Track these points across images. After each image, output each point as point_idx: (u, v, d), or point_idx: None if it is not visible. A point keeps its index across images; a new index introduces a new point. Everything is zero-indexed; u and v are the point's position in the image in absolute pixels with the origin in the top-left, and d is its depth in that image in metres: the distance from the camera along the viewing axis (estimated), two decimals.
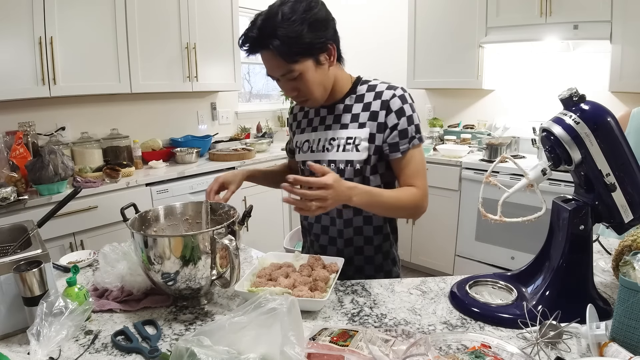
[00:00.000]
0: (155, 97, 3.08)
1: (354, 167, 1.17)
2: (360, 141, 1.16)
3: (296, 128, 1.33)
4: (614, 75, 2.56)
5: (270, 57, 1.05)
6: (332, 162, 1.20)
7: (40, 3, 2.20)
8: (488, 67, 3.19)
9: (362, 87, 1.21)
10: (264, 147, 3.43)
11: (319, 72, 1.11)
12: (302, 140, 1.28)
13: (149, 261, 0.95)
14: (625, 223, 0.93)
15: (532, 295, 0.98)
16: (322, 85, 1.14)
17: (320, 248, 1.30)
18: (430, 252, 3.29)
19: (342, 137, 1.19)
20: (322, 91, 1.15)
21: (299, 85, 1.10)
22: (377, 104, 1.16)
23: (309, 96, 1.13)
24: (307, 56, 1.06)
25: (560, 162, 0.93)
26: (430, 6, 3.33)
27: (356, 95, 1.21)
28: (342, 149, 1.18)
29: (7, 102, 2.34)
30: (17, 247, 1.02)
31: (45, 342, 0.80)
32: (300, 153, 1.28)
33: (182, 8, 2.87)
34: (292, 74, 1.07)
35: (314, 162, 1.20)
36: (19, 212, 2.01)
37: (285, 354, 0.67)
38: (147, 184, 2.55)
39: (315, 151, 1.23)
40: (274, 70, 1.09)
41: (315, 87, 1.12)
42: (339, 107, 1.22)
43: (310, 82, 1.10)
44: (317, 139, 1.24)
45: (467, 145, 3.31)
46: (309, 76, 1.09)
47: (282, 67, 1.06)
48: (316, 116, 1.27)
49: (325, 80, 1.14)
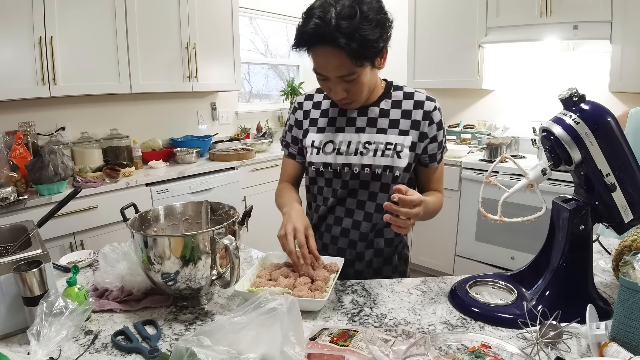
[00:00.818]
0: (155, 97, 3.08)
1: (394, 173, 1.15)
2: (403, 148, 1.15)
3: (309, 126, 1.24)
4: (614, 75, 2.56)
5: (335, 56, 0.98)
6: (367, 166, 1.16)
7: (40, 3, 2.20)
8: (488, 67, 3.19)
9: (397, 93, 1.18)
10: (264, 147, 3.43)
11: (372, 76, 1.08)
12: (321, 141, 1.21)
13: (149, 261, 0.95)
14: (625, 223, 0.93)
15: (532, 295, 0.98)
16: (370, 88, 1.11)
17: (332, 239, 1.25)
18: (430, 252, 3.29)
19: (381, 142, 1.15)
20: (368, 94, 1.12)
21: (351, 87, 1.05)
22: (419, 113, 1.15)
23: (356, 98, 1.10)
24: (373, 59, 1.02)
25: (560, 162, 0.93)
26: (430, 6, 3.33)
27: (392, 101, 1.17)
28: (382, 154, 1.15)
29: (7, 102, 2.34)
30: (17, 247, 1.02)
31: (45, 342, 0.80)
32: (320, 154, 1.20)
33: (182, 8, 2.87)
34: (351, 77, 1.02)
35: (343, 165, 1.17)
36: (19, 212, 2.01)
37: (285, 354, 0.67)
38: (147, 184, 2.55)
39: (345, 154, 1.17)
40: (333, 70, 1.01)
41: (364, 91, 1.09)
42: (374, 110, 1.17)
43: (364, 85, 1.06)
44: (344, 140, 1.18)
45: (467, 145, 3.32)
46: (365, 79, 1.05)
47: (345, 68, 1.00)
48: (340, 116, 1.20)
49: (373, 83, 1.11)
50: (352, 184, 1.19)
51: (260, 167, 3.17)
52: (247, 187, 3.10)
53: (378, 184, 1.17)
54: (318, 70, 1.05)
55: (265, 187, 3.16)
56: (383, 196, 1.18)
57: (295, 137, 1.29)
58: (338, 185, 1.21)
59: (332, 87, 1.07)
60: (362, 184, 1.18)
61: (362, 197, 1.20)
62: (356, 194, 1.20)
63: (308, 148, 1.23)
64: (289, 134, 1.31)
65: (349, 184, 1.19)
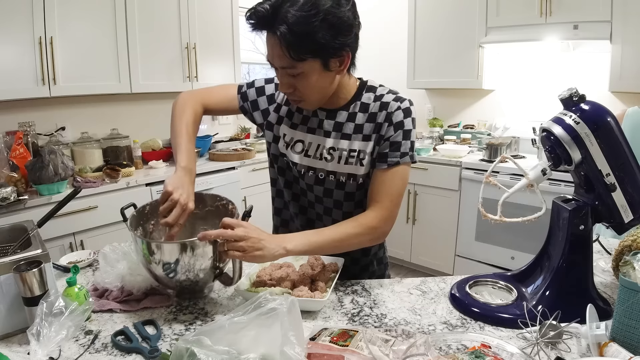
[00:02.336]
0: (155, 97, 3.08)
1: (357, 181, 1.10)
2: (365, 155, 1.08)
3: (286, 116, 1.17)
4: (614, 75, 2.56)
5: (274, 44, 0.93)
6: (332, 173, 1.11)
7: (40, 3, 2.20)
8: (488, 67, 3.19)
9: (368, 95, 1.10)
10: (264, 147, 3.42)
11: (324, 78, 1.00)
12: (292, 137, 1.15)
13: (149, 252, 0.94)
14: (625, 223, 0.93)
15: (532, 295, 0.98)
16: (323, 91, 1.03)
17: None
18: (430, 252, 3.29)
19: (344, 149, 1.09)
20: (320, 97, 1.05)
21: (297, 84, 0.99)
22: (382, 115, 1.07)
23: (304, 98, 1.04)
24: (316, 57, 0.94)
25: (560, 162, 0.93)
26: (430, 6, 3.33)
27: (361, 103, 1.10)
28: (345, 161, 1.10)
29: (7, 102, 2.34)
30: (17, 247, 1.02)
31: (45, 342, 0.80)
32: (289, 150, 1.15)
33: (182, 8, 2.87)
34: (293, 70, 0.96)
35: (309, 167, 1.12)
36: (19, 212, 2.01)
37: (285, 354, 0.67)
38: (147, 184, 2.55)
39: (312, 157, 1.13)
40: (275, 59, 0.96)
41: (314, 92, 1.02)
42: (342, 114, 1.11)
43: (311, 85, 0.99)
44: (313, 143, 1.13)
45: (467, 145, 3.31)
46: (312, 79, 0.98)
47: (284, 60, 0.94)
48: (313, 116, 1.14)
49: (328, 87, 1.03)
50: (317, 190, 1.15)
51: (260, 167, 3.17)
52: (247, 187, 3.10)
53: (342, 192, 1.13)
54: (267, 59, 1.00)
55: (265, 187, 3.12)
56: (349, 204, 1.14)
57: (256, 102, 1.20)
58: (305, 187, 1.16)
59: (279, 78, 1.03)
60: (326, 191, 1.14)
61: (328, 204, 1.15)
62: (322, 200, 1.16)
63: (280, 139, 1.17)
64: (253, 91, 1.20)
65: (314, 189, 1.15)
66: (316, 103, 1.08)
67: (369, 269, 1.26)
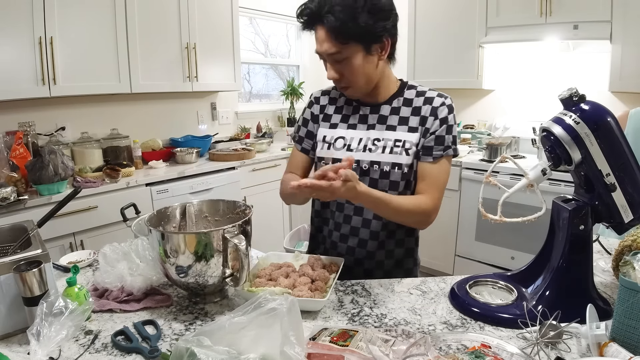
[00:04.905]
0: (155, 97, 3.08)
1: (402, 170, 1.15)
2: (412, 145, 1.15)
3: (322, 121, 1.26)
4: (614, 75, 2.56)
5: (322, 33, 1.04)
6: (376, 163, 1.16)
7: (40, 3, 2.20)
8: (488, 67, 3.19)
9: (410, 92, 1.19)
10: (264, 147, 3.43)
11: (367, 62, 1.08)
12: (332, 136, 1.22)
13: (165, 255, 0.96)
14: (625, 223, 0.93)
15: (532, 295, 0.98)
16: (368, 76, 1.10)
17: (341, 238, 1.24)
18: (430, 252, 3.28)
19: (390, 139, 1.16)
20: (366, 83, 1.12)
21: (343, 70, 1.08)
22: (427, 109, 1.15)
23: (351, 84, 1.11)
24: (358, 41, 1.04)
25: (560, 162, 0.93)
26: (430, 6, 3.33)
27: (404, 99, 1.18)
28: (390, 150, 1.16)
29: (7, 102, 2.33)
30: (17, 247, 1.02)
31: (45, 342, 0.80)
32: (330, 149, 1.21)
33: (182, 8, 2.87)
34: (339, 55, 1.05)
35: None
36: (19, 212, 2.01)
37: (285, 354, 0.67)
38: (147, 184, 2.55)
39: (354, 150, 1.18)
40: (322, 46, 1.06)
41: (359, 76, 1.09)
42: (385, 107, 1.18)
43: (355, 69, 1.07)
44: (355, 137, 1.19)
45: (467, 145, 3.31)
46: (356, 63, 1.06)
47: (330, 45, 1.04)
48: (354, 114, 1.21)
49: (372, 73, 1.11)
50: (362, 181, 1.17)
51: (260, 167, 3.17)
52: (247, 187, 3.10)
53: (387, 182, 1.17)
54: (316, 49, 1.09)
55: (265, 187, 3.16)
56: (392, 194, 1.15)
57: (311, 132, 1.28)
58: None
59: (327, 68, 1.11)
60: (372, 181, 1.17)
61: None
62: None
63: (319, 143, 1.24)
64: (304, 129, 1.30)
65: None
66: (363, 89, 1.14)
67: (403, 265, 1.28)
